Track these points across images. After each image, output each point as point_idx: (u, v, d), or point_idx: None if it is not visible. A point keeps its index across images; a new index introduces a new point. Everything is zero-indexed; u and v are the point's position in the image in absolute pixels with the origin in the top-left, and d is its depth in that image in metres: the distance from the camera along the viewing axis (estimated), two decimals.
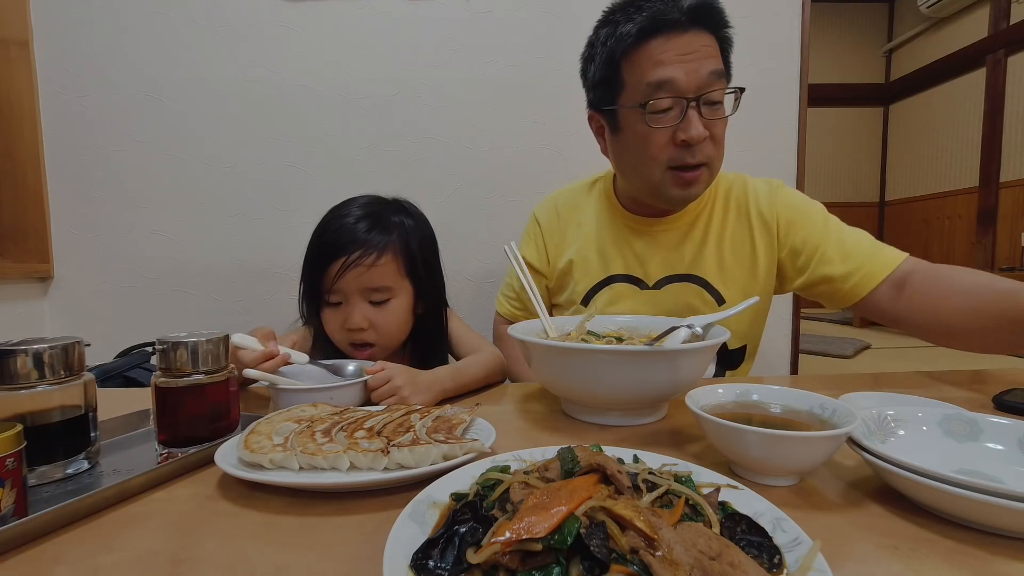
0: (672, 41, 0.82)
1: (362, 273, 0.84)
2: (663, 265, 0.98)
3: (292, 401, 0.66)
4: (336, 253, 0.84)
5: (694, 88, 0.83)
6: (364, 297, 0.86)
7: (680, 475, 0.41)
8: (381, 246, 0.85)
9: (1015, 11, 4.00)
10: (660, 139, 0.85)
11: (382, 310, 0.87)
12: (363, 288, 0.86)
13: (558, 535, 0.29)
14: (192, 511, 0.45)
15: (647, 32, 0.83)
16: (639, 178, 0.92)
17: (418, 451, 0.47)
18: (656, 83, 0.83)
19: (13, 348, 0.49)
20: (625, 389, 0.61)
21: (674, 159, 0.86)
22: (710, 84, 0.83)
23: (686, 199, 0.91)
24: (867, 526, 0.41)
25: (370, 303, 0.86)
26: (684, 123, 0.83)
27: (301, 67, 1.47)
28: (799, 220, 0.96)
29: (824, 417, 0.51)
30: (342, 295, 0.87)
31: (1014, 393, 0.69)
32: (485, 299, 1.55)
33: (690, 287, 0.97)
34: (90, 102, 1.46)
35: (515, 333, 0.68)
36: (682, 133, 0.84)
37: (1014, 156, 4.01)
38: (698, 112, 0.83)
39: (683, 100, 0.83)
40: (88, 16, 1.44)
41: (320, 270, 0.86)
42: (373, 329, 0.87)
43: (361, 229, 0.86)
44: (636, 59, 0.84)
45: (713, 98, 0.85)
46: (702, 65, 0.82)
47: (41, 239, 1.47)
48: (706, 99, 0.84)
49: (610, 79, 0.88)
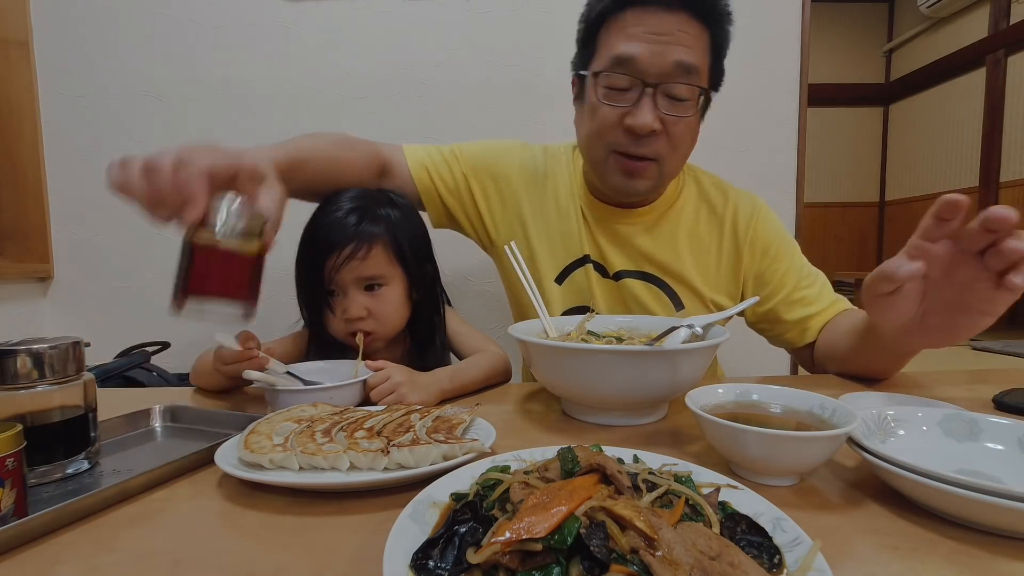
0: (650, 16, 0.76)
1: (356, 266, 0.86)
2: (622, 257, 0.94)
3: (291, 402, 0.66)
4: (330, 249, 0.86)
5: (655, 73, 0.77)
6: (359, 287, 0.88)
7: (680, 475, 0.41)
8: (371, 238, 0.88)
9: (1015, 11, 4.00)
10: (609, 118, 0.80)
11: (377, 297, 0.89)
12: (357, 279, 0.88)
13: (558, 535, 0.29)
14: (192, 511, 0.45)
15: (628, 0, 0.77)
16: (588, 153, 0.88)
17: (418, 451, 0.47)
18: (618, 58, 0.77)
19: (13, 348, 0.49)
20: (625, 389, 0.61)
21: (618, 144, 0.82)
22: (674, 75, 0.77)
23: (628, 190, 0.86)
24: (867, 526, 0.41)
25: (364, 291, 0.89)
26: (634, 108, 0.78)
27: (301, 67, 1.47)
28: (776, 252, 0.93)
29: (824, 417, 0.51)
30: (338, 287, 0.89)
31: (1014, 393, 0.69)
32: (485, 299, 1.55)
33: (646, 285, 0.94)
34: (90, 102, 1.46)
35: (515, 333, 0.68)
36: (629, 118, 0.78)
37: (1014, 156, 4.01)
38: (653, 102, 0.78)
39: (640, 83, 0.77)
40: (88, 16, 1.44)
41: (317, 266, 0.88)
42: (371, 317, 0.88)
43: (351, 223, 0.88)
44: (612, 25, 0.79)
45: (675, 92, 0.78)
46: (671, 51, 0.76)
47: (41, 239, 1.47)
48: (667, 90, 0.78)
49: (588, 41, 0.84)
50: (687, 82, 0.78)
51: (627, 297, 0.94)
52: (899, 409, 0.54)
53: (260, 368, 0.71)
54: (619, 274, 0.94)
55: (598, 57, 0.82)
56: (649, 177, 0.85)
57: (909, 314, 0.63)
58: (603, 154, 0.84)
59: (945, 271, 0.59)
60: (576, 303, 0.96)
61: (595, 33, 0.83)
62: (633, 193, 0.88)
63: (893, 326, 0.65)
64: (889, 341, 0.70)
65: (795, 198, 1.54)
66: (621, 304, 0.95)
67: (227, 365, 0.71)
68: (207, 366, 0.77)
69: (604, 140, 0.83)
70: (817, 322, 0.91)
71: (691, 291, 0.94)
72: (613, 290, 0.95)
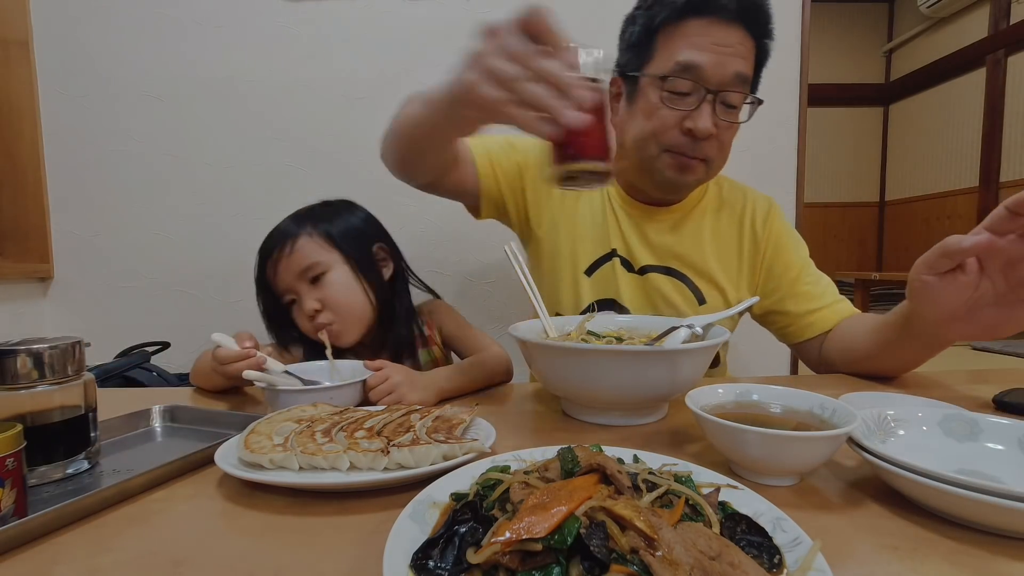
0: (712, 28, 0.82)
1: (287, 263, 0.90)
2: (647, 253, 0.98)
3: (291, 402, 0.66)
4: (267, 257, 0.92)
5: (717, 82, 0.82)
6: (305, 282, 0.91)
7: (680, 475, 0.41)
8: (292, 233, 0.92)
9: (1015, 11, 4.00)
10: (668, 120, 0.85)
11: (323, 286, 0.91)
12: (296, 273, 0.90)
13: (558, 535, 0.29)
14: (192, 511, 0.45)
15: (693, 8, 0.82)
16: (637, 152, 0.91)
17: (418, 451, 0.47)
18: (684, 64, 0.82)
19: (13, 348, 0.49)
20: (625, 389, 0.61)
21: (674, 145, 0.86)
22: (733, 84, 0.83)
23: (678, 184, 0.91)
24: (867, 526, 0.41)
25: (311, 285, 0.91)
26: (696, 113, 0.83)
27: (301, 67, 1.47)
28: (787, 247, 0.99)
29: (824, 417, 0.51)
30: (291, 291, 0.92)
31: (1014, 393, 0.69)
32: (485, 299, 1.55)
33: (671, 280, 0.97)
34: (90, 102, 1.46)
35: (515, 333, 0.68)
36: (690, 122, 0.83)
37: (1014, 156, 4.01)
38: (712, 108, 0.83)
39: (703, 90, 0.82)
40: (88, 16, 1.44)
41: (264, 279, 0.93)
42: (326, 308, 0.90)
43: (278, 229, 0.94)
44: (673, 32, 0.84)
45: (730, 100, 0.84)
46: (732, 63, 0.82)
47: (41, 239, 1.47)
48: (724, 98, 0.84)
49: (643, 45, 0.87)
50: (742, 92, 0.85)
51: (651, 291, 0.98)
52: (899, 409, 0.54)
53: (258, 368, 0.71)
54: (644, 268, 0.98)
55: (658, 61, 0.85)
56: (698, 174, 0.89)
57: (957, 301, 0.64)
58: (656, 152, 0.88)
59: (1004, 264, 0.61)
60: (602, 295, 0.98)
61: (653, 38, 0.86)
62: (683, 186, 0.93)
63: (939, 313, 0.66)
64: (928, 331, 0.72)
65: (795, 198, 1.54)
66: (645, 297, 0.98)
67: (225, 365, 0.71)
68: (206, 367, 0.77)
69: (659, 140, 0.86)
70: (820, 317, 0.94)
71: (713, 286, 0.98)
72: (638, 284, 0.98)
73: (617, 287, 0.97)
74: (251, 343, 0.73)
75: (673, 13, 0.83)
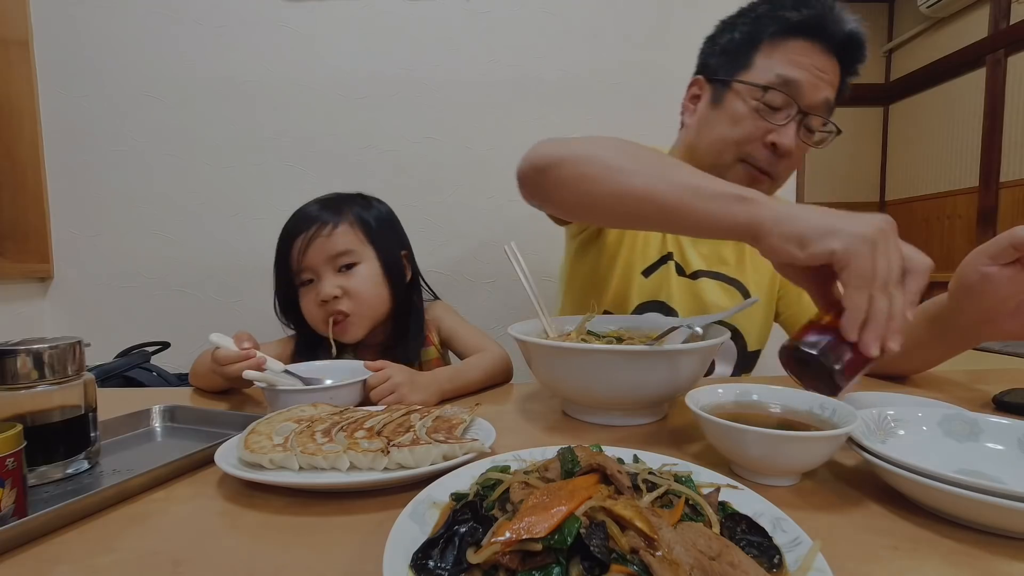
0: (815, 53, 0.83)
1: (324, 243, 0.89)
2: (700, 258, 1.01)
3: (291, 402, 0.66)
4: (297, 234, 0.90)
5: (808, 103, 0.84)
6: (332, 267, 0.90)
7: (680, 475, 0.41)
8: (336, 216, 0.91)
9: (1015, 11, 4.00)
10: (753, 131, 0.86)
11: (351, 276, 0.90)
12: (328, 257, 0.89)
13: (558, 535, 0.29)
14: (192, 511, 0.45)
15: (805, 29, 0.83)
16: (711, 157, 0.91)
17: (418, 451, 0.47)
18: (787, 79, 0.83)
19: (13, 348, 0.49)
20: (625, 389, 0.61)
21: (751, 156, 0.87)
22: (820, 109, 0.85)
23: None
24: (867, 526, 0.41)
25: (338, 272, 0.90)
26: (783, 129, 0.84)
27: (301, 66, 1.47)
28: None
29: (824, 417, 0.51)
30: (312, 271, 0.90)
31: (1014, 393, 0.69)
32: (485, 299, 1.55)
33: (721, 284, 1.00)
34: (90, 102, 1.46)
35: (515, 333, 0.68)
36: (775, 136, 0.84)
37: (1014, 156, 4.01)
38: (797, 127, 0.84)
39: (794, 107, 0.84)
40: (88, 16, 1.44)
41: (287, 256, 0.90)
42: (347, 297, 0.89)
43: (315, 209, 0.93)
44: (777, 47, 0.84)
45: (813, 124, 0.86)
46: (825, 89, 0.84)
47: (41, 239, 1.47)
48: (808, 122, 0.85)
49: (741, 53, 0.88)
50: (824, 118, 0.87)
51: (702, 294, 1.00)
52: (899, 409, 0.54)
53: (258, 368, 0.71)
54: (696, 273, 1.01)
55: (756, 71, 0.86)
56: (763, 188, 0.89)
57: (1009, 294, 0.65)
58: (730, 160, 0.89)
59: None
60: (653, 297, 1.00)
61: (754, 49, 0.87)
62: None
63: (988, 306, 0.67)
64: (966, 327, 0.72)
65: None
66: (696, 300, 1.00)
67: (224, 366, 0.70)
68: (205, 367, 0.77)
69: (740, 149, 0.87)
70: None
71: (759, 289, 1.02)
72: (688, 287, 1.01)
73: (669, 290, 0.99)
74: (250, 343, 0.73)
75: (783, 29, 0.84)
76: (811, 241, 0.49)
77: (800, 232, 0.50)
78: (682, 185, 0.58)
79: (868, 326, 0.47)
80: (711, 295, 0.99)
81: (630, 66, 1.51)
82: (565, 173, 0.67)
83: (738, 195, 0.55)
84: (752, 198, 0.55)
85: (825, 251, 0.48)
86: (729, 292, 1.00)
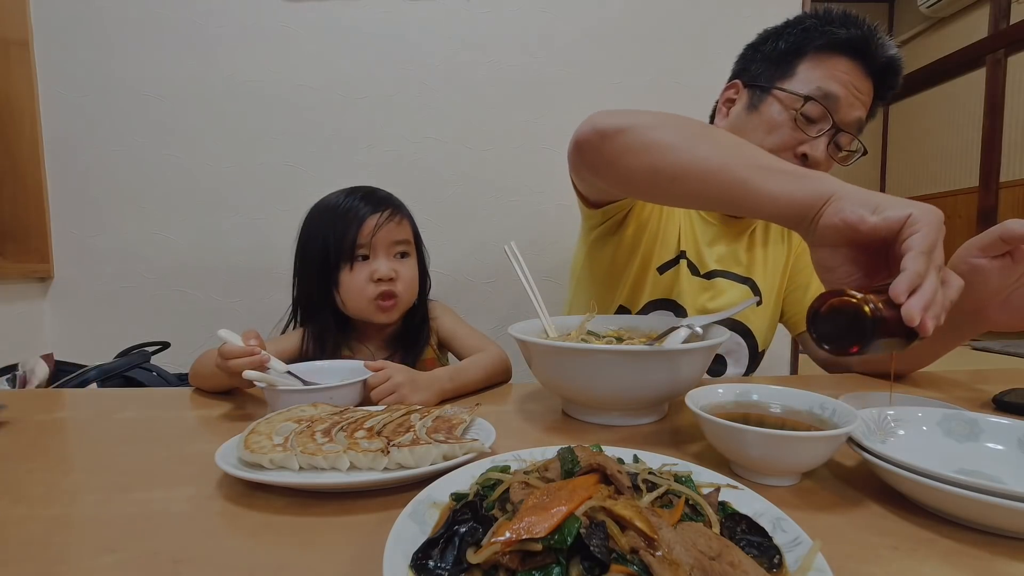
0: (854, 72, 0.86)
1: (392, 229, 0.95)
2: (714, 258, 1.02)
3: (291, 402, 0.66)
4: (369, 212, 0.94)
5: (842, 119, 0.86)
6: (390, 251, 0.96)
7: (680, 475, 0.41)
8: (400, 208, 0.99)
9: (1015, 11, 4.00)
10: (788, 139, 0.87)
11: (404, 263, 0.97)
12: (391, 242, 0.96)
13: (558, 535, 0.29)
14: (192, 511, 0.45)
15: (850, 48, 0.85)
16: None
17: (418, 451, 0.47)
18: (827, 92, 0.85)
19: None
20: (625, 389, 0.61)
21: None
22: (852, 127, 0.87)
23: None
24: (867, 526, 0.41)
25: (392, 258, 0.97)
26: (816, 141, 0.86)
27: (301, 67, 1.47)
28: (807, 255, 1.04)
29: (824, 417, 0.51)
30: (370, 249, 0.94)
31: (1014, 393, 0.69)
32: (485, 299, 1.55)
33: (731, 283, 1.01)
34: (90, 102, 1.46)
35: (515, 333, 0.68)
36: (807, 148, 0.86)
37: (1014, 156, 4.01)
38: (829, 141, 0.86)
39: (830, 121, 0.85)
40: (88, 16, 1.44)
41: (349, 232, 0.93)
42: (399, 280, 0.95)
43: (382, 195, 0.98)
44: (821, 61, 0.86)
45: (842, 141, 0.88)
46: (859, 109, 0.87)
47: (41, 239, 1.47)
48: (839, 139, 0.87)
49: (786, 61, 0.89)
50: (853, 136, 0.89)
51: (715, 292, 1.01)
52: (899, 409, 0.54)
53: (261, 365, 0.71)
54: (711, 273, 1.02)
55: (798, 81, 0.87)
56: None
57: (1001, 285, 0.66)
58: None
59: None
60: (665, 295, 1.01)
61: (798, 60, 0.88)
62: None
63: (980, 296, 0.68)
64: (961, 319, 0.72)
65: None
66: (710, 298, 1.01)
67: (229, 360, 0.70)
68: (207, 367, 0.77)
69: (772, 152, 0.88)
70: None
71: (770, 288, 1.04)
72: (700, 286, 1.02)
73: (680, 289, 1.00)
74: (256, 342, 0.73)
75: (829, 44, 0.85)
76: (887, 206, 0.49)
77: (875, 199, 0.50)
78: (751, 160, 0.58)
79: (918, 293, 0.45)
80: (726, 295, 1.00)
81: (630, 66, 1.51)
82: (633, 139, 0.64)
83: (804, 173, 0.56)
84: (819, 176, 0.55)
85: (901, 215, 0.48)
86: (743, 291, 1.01)
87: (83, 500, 0.46)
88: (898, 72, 0.88)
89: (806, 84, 0.86)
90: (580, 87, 1.51)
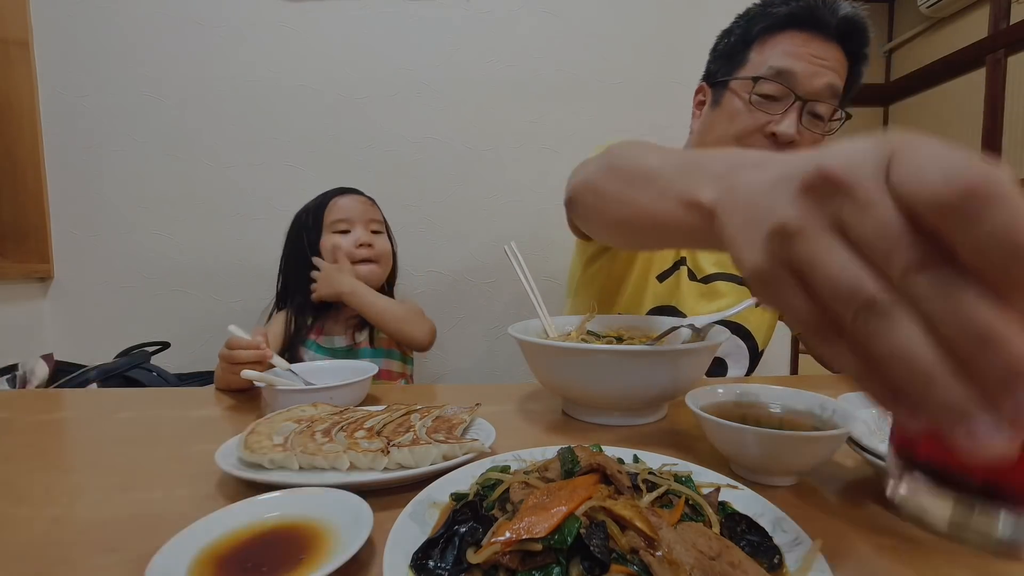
0: (811, 42, 0.84)
1: (368, 207, 1.15)
2: (713, 262, 1.01)
3: (291, 401, 0.66)
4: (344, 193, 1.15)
5: (807, 90, 0.83)
6: (366, 226, 1.14)
7: (680, 475, 0.41)
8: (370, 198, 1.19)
9: (1015, 11, 4.00)
10: (751, 124, 0.86)
11: (377, 238, 1.16)
12: (367, 219, 1.14)
13: (558, 535, 0.29)
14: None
15: (795, 21, 0.84)
16: None
17: (418, 451, 0.47)
18: (778, 69, 0.83)
19: None
20: (625, 389, 0.61)
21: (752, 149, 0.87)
22: (823, 95, 0.84)
23: None
24: (867, 526, 0.41)
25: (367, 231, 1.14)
26: (781, 117, 0.84)
27: (301, 67, 1.47)
28: None
29: (824, 417, 0.51)
30: (349, 223, 1.12)
31: None
32: (485, 299, 1.55)
33: (732, 286, 1.00)
34: (90, 102, 1.46)
35: (515, 333, 0.68)
36: (774, 126, 0.84)
37: (1014, 156, 4.01)
38: (799, 116, 0.84)
39: (792, 96, 0.83)
40: (88, 16, 1.44)
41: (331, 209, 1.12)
42: (374, 248, 1.13)
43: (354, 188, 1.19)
44: (770, 41, 0.86)
45: (818, 110, 0.85)
46: (826, 75, 0.84)
47: (41, 239, 1.47)
48: (812, 108, 0.85)
49: (737, 52, 0.89)
50: (831, 104, 0.86)
51: (715, 297, 1.01)
52: None
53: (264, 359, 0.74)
54: (710, 276, 1.02)
55: (750, 67, 0.87)
56: None
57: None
58: None
59: None
60: (664, 302, 1.01)
61: (748, 47, 0.88)
62: None
63: None
64: None
65: None
66: (707, 303, 1.01)
67: (233, 350, 0.74)
68: (219, 365, 0.79)
69: (741, 143, 0.88)
70: None
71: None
72: (700, 291, 1.02)
73: (681, 295, 1.00)
74: (263, 339, 0.76)
75: (774, 24, 0.85)
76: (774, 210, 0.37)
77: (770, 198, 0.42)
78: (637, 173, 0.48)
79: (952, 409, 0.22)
80: (726, 298, 1.00)
81: (630, 66, 1.51)
82: (580, 206, 0.62)
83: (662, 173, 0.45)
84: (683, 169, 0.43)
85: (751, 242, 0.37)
86: (743, 292, 1.01)
87: (83, 500, 0.46)
88: (860, 29, 0.85)
89: (758, 67, 0.86)
90: (580, 87, 1.51)
